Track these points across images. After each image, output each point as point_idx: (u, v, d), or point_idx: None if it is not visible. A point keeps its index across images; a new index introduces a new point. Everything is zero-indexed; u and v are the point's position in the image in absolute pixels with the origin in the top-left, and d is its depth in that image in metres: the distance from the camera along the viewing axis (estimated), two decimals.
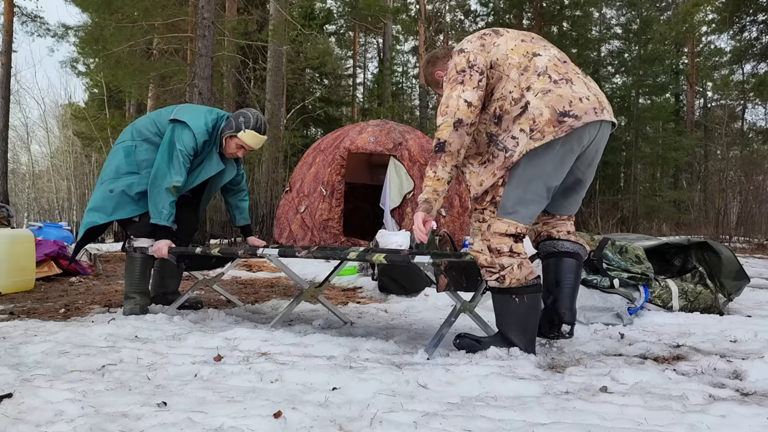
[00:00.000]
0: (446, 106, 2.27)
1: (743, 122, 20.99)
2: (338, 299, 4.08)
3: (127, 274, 3.34)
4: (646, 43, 17.82)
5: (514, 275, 2.25)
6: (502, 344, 2.29)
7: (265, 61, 14.67)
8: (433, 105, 27.63)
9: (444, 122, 2.26)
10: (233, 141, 3.28)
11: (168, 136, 3.21)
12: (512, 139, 2.24)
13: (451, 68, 2.34)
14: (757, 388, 1.90)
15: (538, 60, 2.30)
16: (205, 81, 8.77)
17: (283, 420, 1.50)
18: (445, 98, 2.29)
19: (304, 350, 2.33)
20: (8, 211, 6.87)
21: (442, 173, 2.27)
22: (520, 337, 2.28)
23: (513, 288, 2.25)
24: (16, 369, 2.01)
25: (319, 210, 7.32)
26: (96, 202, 3.29)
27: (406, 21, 24.56)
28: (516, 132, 2.23)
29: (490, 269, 2.27)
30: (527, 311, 2.27)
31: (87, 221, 3.29)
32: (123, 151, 3.33)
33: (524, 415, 1.58)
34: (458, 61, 2.33)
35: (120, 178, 3.28)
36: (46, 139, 27.02)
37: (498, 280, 2.26)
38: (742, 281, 3.51)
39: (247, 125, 3.24)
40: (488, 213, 2.31)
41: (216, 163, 3.34)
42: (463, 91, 2.26)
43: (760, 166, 14.20)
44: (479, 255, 2.30)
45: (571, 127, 2.18)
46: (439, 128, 2.27)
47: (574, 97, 2.22)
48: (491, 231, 2.28)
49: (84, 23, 15.86)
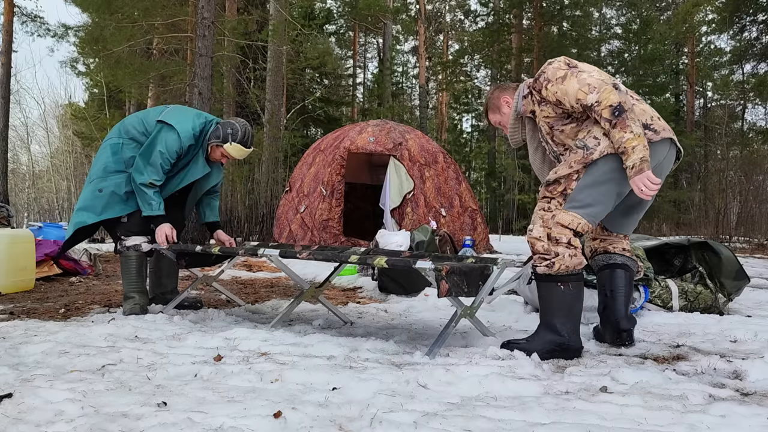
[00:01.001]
0: (588, 84, 2.34)
1: (743, 122, 20.99)
2: (338, 299, 4.08)
3: (123, 274, 3.33)
4: (646, 43, 17.82)
5: (564, 262, 2.36)
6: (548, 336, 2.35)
7: (265, 61, 14.68)
8: (433, 105, 27.66)
9: (604, 90, 2.30)
10: (219, 150, 3.33)
11: (152, 136, 3.22)
12: (594, 138, 2.38)
13: (554, 71, 2.43)
14: (757, 388, 1.90)
15: (618, 83, 2.47)
16: (205, 81, 8.77)
17: (283, 420, 1.50)
18: (579, 83, 2.35)
19: (304, 350, 2.33)
20: (8, 211, 6.88)
21: (637, 129, 2.28)
22: (564, 323, 2.35)
23: (560, 275, 2.36)
24: (16, 369, 2.01)
25: (319, 210, 7.32)
26: (85, 201, 3.28)
27: (406, 21, 24.59)
28: (598, 134, 2.38)
29: (544, 256, 2.39)
30: (572, 298, 2.38)
31: (76, 221, 3.28)
32: (110, 148, 3.33)
33: (524, 415, 1.58)
34: (557, 66, 2.45)
35: (108, 176, 3.27)
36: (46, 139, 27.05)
37: (547, 266, 2.37)
38: (742, 281, 3.51)
39: (234, 138, 3.27)
40: (555, 203, 2.44)
41: (201, 167, 3.35)
42: (590, 73, 2.37)
43: (760, 166, 14.19)
44: (536, 242, 2.41)
45: (650, 140, 2.38)
46: (601, 101, 2.29)
47: (654, 114, 2.46)
48: (555, 221, 2.39)
49: (84, 23, 15.88)
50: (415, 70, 27.18)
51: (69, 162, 23.43)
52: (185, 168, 3.34)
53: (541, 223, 2.42)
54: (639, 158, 2.23)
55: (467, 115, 27.27)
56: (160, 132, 3.22)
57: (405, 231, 5.67)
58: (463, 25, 27.14)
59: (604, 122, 2.30)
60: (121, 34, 11.65)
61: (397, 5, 23.15)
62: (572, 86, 2.36)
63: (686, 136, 19.00)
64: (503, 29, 20.21)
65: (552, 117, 2.50)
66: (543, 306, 2.43)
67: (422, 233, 5.16)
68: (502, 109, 2.71)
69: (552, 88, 2.43)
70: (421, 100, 24.67)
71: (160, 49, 13.95)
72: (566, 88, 2.38)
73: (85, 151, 21.43)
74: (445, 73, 24.44)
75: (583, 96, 2.34)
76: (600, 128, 2.37)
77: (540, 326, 2.42)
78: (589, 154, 2.36)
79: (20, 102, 25.29)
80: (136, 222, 3.28)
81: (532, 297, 3.42)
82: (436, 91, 27.38)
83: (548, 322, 2.38)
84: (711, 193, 14.68)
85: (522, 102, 2.62)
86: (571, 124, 2.47)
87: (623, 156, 2.27)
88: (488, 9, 21.88)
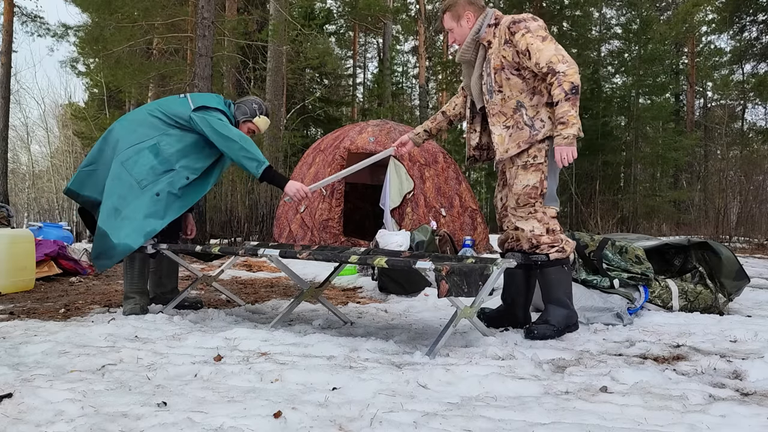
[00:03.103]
0: (562, 54, 2.58)
1: (743, 122, 20.98)
2: (338, 299, 4.08)
3: (126, 273, 3.32)
4: (646, 43, 17.81)
5: (570, 245, 2.80)
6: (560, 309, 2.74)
7: (265, 61, 14.68)
8: (433, 105, 27.64)
9: (571, 68, 2.56)
10: (246, 126, 3.43)
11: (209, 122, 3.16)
12: (540, 121, 2.69)
13: (537, 28, 2.65)
14: (757, 388, 1.90)
15: None
16: (205, 81, 8.77)
17: (283, 420, 1.50)
18: (555, 49, 2.59)
19: (304, 350, 2.33)
20: (8, 211, 6.87)
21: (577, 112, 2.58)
22: (569, 296, 2.79)
23: (566, 258, 2.77)
24: (16, 369, 2.01)
25: (319, 210, 7.32)
26: (148, 208, 3.13)
27: (406, 21, 24.59)
28: (544, 117, 2.69)
29: (554, 245, 2.76)
30: (569, 276, 2.84)
31: (148, 230, 3.12)
32: (149, 150, 3.20)
33: (524, 415, 1.58)
34: (541, 25, 2.69)
35: (159, 178, 3.17)
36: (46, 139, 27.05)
37: (559, 251, 2.75)
38: (742, 281, 3.50)
39: (261, 111, 3.44)
40: (538, 205, 2.76)
41: None
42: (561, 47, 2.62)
43: (760, 166, 14.18)
44: (541, 237, 2.75)
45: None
46: (568, 74, 2.55)
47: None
48: (548, 216, 2.77)
49: (84, 23, 15.88)
50: (415, 70, 27.17)
51: (69, 162, 23.42)
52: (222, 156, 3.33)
53: (539, 222, 2.76)
54: (574, 132, 2.55)
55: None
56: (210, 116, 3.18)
57: (405, 231, 5.66)
58: None
59: (560, 92, 2.55)
60: (121, 34, 11.65)
61: (397, 5, 23.15)
62: (549, 49, 2.58)
63: (686, 136, 19.02)
64: None
65: (507, 60, 2.70)
66: (552, 286, 2.78)
67: (422, 233, 5.16)
68: (461, 22, 2.82)
69: (529, 38, 2.62)
70: (421, 100, 24.68)
71: (160, 49, 13.95)
72: (543, 48, 2.58)
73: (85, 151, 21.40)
74: (445, 73, 24.43)
75: (556, 62, 2.56)
76: (547, 112, 2.68)
77: (550, 306, 2.77)
78: (534, 135, 2.68)
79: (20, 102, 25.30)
80: None
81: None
82: (436, 91, 27.37)
83: (558, 298, 2.76)
84: (711, 193, 14.67)
85: (486, 29, 2.77)
86: (518, 78, 2.71)
87: (562, 126, 2.57)
88: None
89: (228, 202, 10.56)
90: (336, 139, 7.86)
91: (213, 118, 3.18)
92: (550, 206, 2.78)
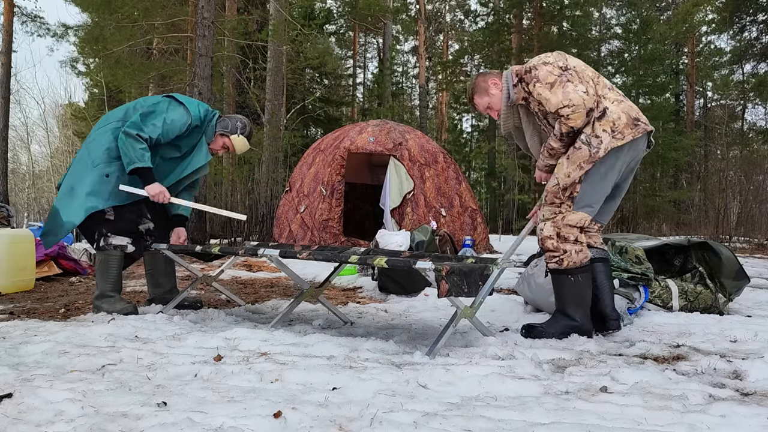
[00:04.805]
0: (568, 100, 2.55)
1: (743, 122, 20.98)
2: (338, 299, 4.08)
3: (102, 273, 3.25)
4: (646, 43, 17.81)
5: (572, 259, 2.65)
6: (562, 321, 2.65)
7: (265, 61, 14.67)
8: (433, 105, 27.65)
9: (575, 114, 2.55)
10: (223, 140, 3.41)
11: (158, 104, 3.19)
12: (596, 138, 2.60)
13: (546, 74, 2.61)
14: (757, 388, 1.90)
15: (603, 80, 2.73)
16: (205, 81, 8.77)
17: (283, 420, 1.50)
18: (562, 95, 2.56)
19: (304, 350, 2.32)
20: (8, 211, 6.86)
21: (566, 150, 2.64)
22: (576, 310, 2.65)
23: (569, 269, 2.65)
24: (16, 369, 2.01)
25: (319, 210, 7.32)
26: (93, 185, 3.16)
27: (406, 21, 24.59)
28: (599, 132, 2.60)
29: (554, 253, 2.67)
30: (581, 288, 2.67)
31: (88, 206, 3.15)
32: (112, 133, 3.23)
33: (524, 415, 1.58)
34: (550, 69, 2.62)
35: (112, 162, 3.19)
36: (46, 139, 27.05)
37: (557, 262, 2.66)
38: (742, 281, 3.50)
39: (242, 131, 3.42)
40: (565, 206, 2.67)
41: (205, 154, 3.39)
42: (576, 86, 2.57)
43: (760, 166, 14.17)
44: (547, 239, 2.67)
45: (644, 131, 2.65)
46: (570, 118, 2.56)
47: (637, 109, 2.71)
48: (564, 221, 2.65)
49: (84, 23, 15.89)
50: (415, 70, 27.18)
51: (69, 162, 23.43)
52: (190, 154, 3.33)
53: (552, 223, 2.67)
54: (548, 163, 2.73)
55: (467, 115, 27.27)
56: (168, 105, 3.21)
57: (405, 231, 5.67)
58: (463, 25, 27.14)
59: (557, 131, 2.60)
60: (121, 34, 11.65)
61: (397, 5, 23.14)
62: (557, 96, 2.57)
63: (686, 136, 19.01)
64: (503, 29, 20.22)
65: (542, 108, 2.67)
66: (557, 297, 2.72)
67: (422, 233, 5.16)
68: (491, 91, 2.80)
69: (539, 89, 2.62)
70: (421, 100, 24.68)
71: (160, 49, 13.95)
72: (551, 97, 2.59)
73: None
74: (445, 73, 24.44)
75: (561, 108, 2.57)
76: (600, 126, 2.60)
77: (556, 312, 2.71)
78: (595, 153, 2.59)
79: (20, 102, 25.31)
80: (123, 221, 3.23)
81: (532, 297, 3.42)
82: (436, 91, 27.38)
83: (562, 310, 2.68)
84: (711, 193, 14.67)
85: (513, 90, 2.75)
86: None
87: (544, 155, 2.71)
88: (488, 9, 21.90)
89: (228, 202, 10.56)
90: (336, 139, 7.87)
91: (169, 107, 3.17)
92: (578, 211, 2.65)
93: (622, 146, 2.60)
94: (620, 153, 2.63)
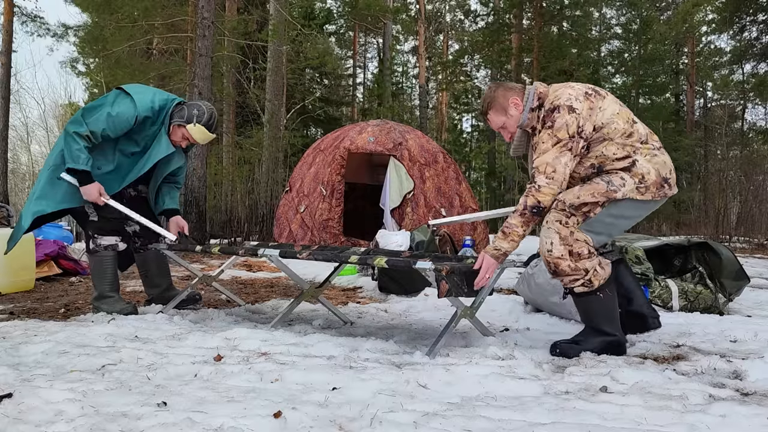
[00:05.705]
0: (553, 170, 2.33)
1: (743, 122, 20.98)
2: (338, 299, 4.08)
3: (97, 274, 3.24)
4: (646, 43, 17.82)
5: (600, 276, 2.38)
6: (597, 336, 2.41)
7: (265, 61, 14.67)
8: (433, 105, 27.65)
9: (549, 188, 2.33)
10: (180, 130, 3.18)
11: (104, 98, 3.09)
12: (620, 179, 2.36)
13: (562, 126, 2.33)
14: (757, 388, 1.90)
15: (639, 127, 2.44)
16: (205, 81, 8.77)
17: (283, 420, 1.50)
18: (552, 159, 2.33)
19: (304, 350, 2.32)
20: (8, 211, 6.87)
21: (525, 232, 2.37)
22: (609, 325, 2.42)
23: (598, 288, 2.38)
24: (16, 369, 2.01)
25: (319, 210, 7.32)
26: (43, 189, 3.13)
27: (406, 21, 24.58)
28: (626, 176, 2.37)
29: (574, 276, 2.37)
30: (611, 301, 2.44)
31: (35, 210, 3.12)
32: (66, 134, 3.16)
33: (524, 415, 1.58)
34: (569, 122, 2.34)
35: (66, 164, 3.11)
36: (46, 139, 27.03)
37: (585, 284, 2.37)
38: (742, 281, 3.50)
39: (199, 119, 3.15)
40: (574, 220, 2.37)
41: (165, 146, 3.19)
42: (570, 160, 2.34)
43: (760, 166, 14.19)
44: (561, 261, 2.36)
45: (666, 195, 2.42)
46: (542, 191, 2.33)
47: (672, 167, 2.46)
48: (574, 237, 2.36)
49: (84, 23, 15.90)
50: (415, 70, 27.17)
51: None
52: (148, 148, 3.19)
53: (561, 241, 2.35)
54: (506, 249, 2.35)
55: (467, 115, 27.26)
56: (116, 97, 3.09)
57: (405, 231, 5.67)
58: (463, 25, 27.12)
59: (522, 204, 2.35)
60: (121, 34, 11.65)
61: (397, 5, 23.15)
62: (548, 156, 2.34)
63: (686, 136, 19.03)
64: (503, 29, 20.20)
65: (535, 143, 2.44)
66: (586, 317, 2.49)
67: (422, 233, 5.16)
68: (510, 111, 2.50)
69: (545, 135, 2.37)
70: (421, 100, 24.67)
71: (160, 49, 13.95)
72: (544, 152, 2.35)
73: None
74: (445, 73, 24.44)
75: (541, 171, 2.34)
76: (628, 170, 2.36)
77: (587, 329, 2.47)
78: (612, 192, 2.35)
79: (20, 102, 25.31)
80: (108, 220, 3.21)
81: (532, 297, 3.42)
82: (436, 91, 27.37)
83: (596, 327, 2.43)
84: (711, 193, 14.66)
85: (528, 114, 2.47)
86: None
87: (499, 236, 2.37)
88: (488, 9, 21.87)
89: (228, 202, 10.57)
90: (336, 139, 7.86)
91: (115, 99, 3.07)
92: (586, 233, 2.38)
93: (639, 201, 2.37)
94: (641, 208, 2.42)
